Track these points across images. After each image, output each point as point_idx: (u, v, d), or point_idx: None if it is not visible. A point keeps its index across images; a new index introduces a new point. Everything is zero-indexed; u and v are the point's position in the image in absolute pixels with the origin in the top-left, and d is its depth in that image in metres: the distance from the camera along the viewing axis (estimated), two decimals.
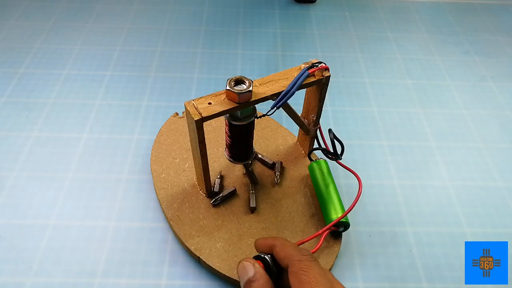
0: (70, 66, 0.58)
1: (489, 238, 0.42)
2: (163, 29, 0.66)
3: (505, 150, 0.51)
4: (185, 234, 0.38)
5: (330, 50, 0.64)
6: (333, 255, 0.38)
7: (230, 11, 0.71)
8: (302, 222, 0.40)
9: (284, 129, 0.49)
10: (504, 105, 0.57)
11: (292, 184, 0.43)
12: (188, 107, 0.32)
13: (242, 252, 0.37)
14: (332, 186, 0.40)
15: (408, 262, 0.40)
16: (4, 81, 0.55)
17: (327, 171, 0.42)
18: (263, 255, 0.29)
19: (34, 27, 0.64)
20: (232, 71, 0.59)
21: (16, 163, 0.46)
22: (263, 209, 0.41)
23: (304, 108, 0.42)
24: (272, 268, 0.29)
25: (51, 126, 0.50)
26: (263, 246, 0.31)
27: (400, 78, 0.60)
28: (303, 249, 0.29)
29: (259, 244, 0.31)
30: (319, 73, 0.36)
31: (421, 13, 0.74)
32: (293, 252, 0.28)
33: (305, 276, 0.26)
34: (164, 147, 0.46)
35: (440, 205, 0.44)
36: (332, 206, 0.39)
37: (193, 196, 0.41)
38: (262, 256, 0.29)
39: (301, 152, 0.46)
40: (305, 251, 0.28)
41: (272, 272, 0.29)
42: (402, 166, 0.48)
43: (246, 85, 0.33)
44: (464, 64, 0.63)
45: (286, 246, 0.29)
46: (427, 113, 0.55)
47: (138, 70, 0.58)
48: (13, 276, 0.37)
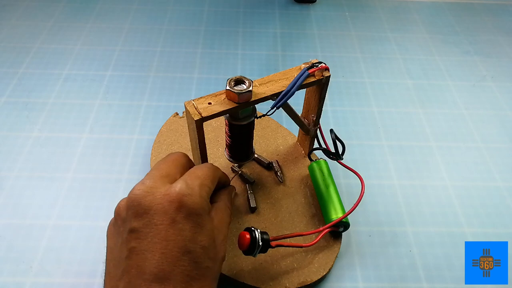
0: (70, 66, 0.58)
1: (489, 238, 0.42)
2: (163, 29, 0.66)
3: (505, 150, 0.51)
4: None
5: (330, 50, 0.64)
6: (333, 255, 0.38)
7: (230, 11, 0.71)
8: (302, 222, 0.40)
9: (284, 129, 0.49)
10: (504, 105, 0.57)
11: (292, 184, 0.43)
12: (188, 107, 0.32)
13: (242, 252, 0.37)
14: (332, 186, 0.40)
15: (408, 262, 0.40)
16: (4, 81, 0.55)
17: (327, 171, 0.42)
18: (253, 228, 0.32)
19: (34, 27, 0.64)
20: (232, 71, 0.59)
21: (16, 163, 0.46)
22: (263, 209, 0.41)
23: (304, 108, 0.42)
24: (257, 241, 0.32)
25: (51, 126, 0.50)
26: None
27: (400, 78, 0.60)
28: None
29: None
30: (319, 73, 0.36)
31: (421, 13, 0.74)
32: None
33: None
34: (164, 147, 0.46)
35: (440, 205, 0.44)
36: (332, 207, 0.39)
37: None
38: (252, 229, 0.32)
39: (301, 152, 0.46)
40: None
41: (257, 245, 0.32)
42: (402, 166, 0.48)
43: (246, 85, 0.33)
44: (464, 64, 0.63)
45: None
46: (427, 113, 0.55)
47: (138, 70, 0.58)
48: (13, 276, 0.37)
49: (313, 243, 0.35)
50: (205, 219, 0.26)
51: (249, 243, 0.32)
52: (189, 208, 0.26)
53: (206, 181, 0.28)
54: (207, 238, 0.26)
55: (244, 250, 0.32)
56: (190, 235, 0.25)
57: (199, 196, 0.26)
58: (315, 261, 0.37)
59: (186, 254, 0.25)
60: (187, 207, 0.25)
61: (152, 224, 0.25)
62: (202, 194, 0.27)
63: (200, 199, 0.26)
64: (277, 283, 0.36)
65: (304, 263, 0.37)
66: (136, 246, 0.25)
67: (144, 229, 0.25)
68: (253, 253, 0.32)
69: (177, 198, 0.25)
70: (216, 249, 0.28)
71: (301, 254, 0.38)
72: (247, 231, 0.32)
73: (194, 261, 0.25)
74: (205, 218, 0.26)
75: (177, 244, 0.25)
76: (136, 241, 0.25)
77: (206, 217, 0.27)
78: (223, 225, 0.30)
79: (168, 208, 0.25)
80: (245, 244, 0.32)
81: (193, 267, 0.25)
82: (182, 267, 0.25)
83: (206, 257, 0.26)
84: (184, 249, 0.25)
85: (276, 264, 0.37)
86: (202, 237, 0.26)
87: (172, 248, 0.25)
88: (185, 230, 0.25)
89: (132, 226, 0.25)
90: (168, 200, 0.25)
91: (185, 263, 0.25)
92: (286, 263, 0.37)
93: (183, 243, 0.25)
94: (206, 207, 0.27)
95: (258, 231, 0.32)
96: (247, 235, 0.32)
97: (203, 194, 0.27)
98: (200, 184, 0.27)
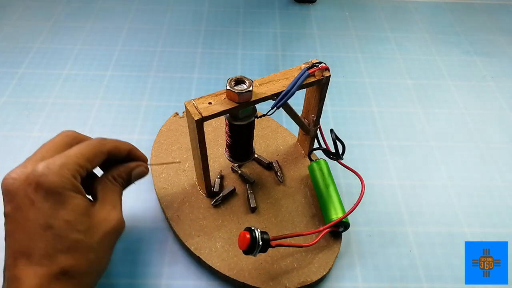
0: (70, 66, 0.58)
1: (489, 238, 0.42)
2: (163, 29, 0.66)
3: (505, 150, 0.51)
4: (185, 234, 0.38)
5: (330, 50, 0.64)
6: (333, 255, 0.38)
7: (230, 11, 0.71)
8: (302, 222, 0.40)
9: (284, 129, 0.49)
10: (504, 105, 0.57)
11: (292, 184, 0.43)
12: (188, 106, 0.32)
13: (242, 252, 0.37)
14: (332, 186, 0.40)
15: (408, 262, 0.40)
16: (4, 81, 0.55)
17: (327, 171, 0.42)
18: (253, 228, 0.33)
19: (34, 27, 0.64)
20: (232, 71, 0.59)
21: (16, 163, 0.45)
22: (263, 209, 0.41)
23: (304, 108, 0.42)
24: (257, 241, 0.32)
25: (51, 126, 0.50)
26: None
27: (400, 78, 0.60)
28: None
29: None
30: (319, 73, 0.36)
31: (421, 13, 0.74)
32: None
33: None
34: (164, 147, 0.46)
35: (440, 205, 0.44)
36: (332, 206, 0.39)
37: (193, 196, 0.41)
38: (252, 229, 0.33)
39: (301, 152, 0.46)
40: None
41: (257, 245, 0.32)
42: (402, 166, 0.48)
43: (247, 85, 0.33)
44: (464, 64, 0.63)
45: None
46: (427, 113, 0.55)
47: (138, 70, 0.58)
48: None
49: (313, 243, 0.35)
50: (67, 195, 0.28)
51: (249, 243, 0.32)
52: (46, 188, 0.28)
53: (77, 159, 0.30)
54: (73, 212, 0.28)
55: (244, 249, 0.32)
56: (50, 212, 0.28)
57: (57, 174, 0.28)
58: (315, 261, 0.37)
59: (48, 230, 0.27)
60: (43, 187, 0.28)
61: (18, 207, 0.28)
62: (63, 173, 0.28)
63: (59, 177, 0.28)
64: (277, 283, 0.36)
65: (304, 263, 0.37)
66: (8, 229, 0.28)
67: (13, 213, 0.28)
68: (253, 253, 0.32)
69: (34, 179, 0.28)
70: (91, 221, 0.29)
71: (301, 254, 0.38)
72: (247, 231, 0.33)
73: (57, 235, 0.27)
74: (67, 194, 0.28)
75: (37, 222, 0.27)
76: (8, 225, 0.28)
77: (70, 193, 0.28)
78: (107, 196, 0.32)
79: (27, 191, 0.28)
80: (245, 244, 0.32)
81: (58, 240, 0.27)
82: (45, 242, 0.27)
83: (72, 230, 0.28)
84: (45, 225, 0.27)
85: (276, 264, 0.37)
86: (65, 212, 0.28)
87: (33, 226, 0.27)
88: (44, 208, 0.28)
89: (5, 211, 0.29)
90: (27, 182, 0.28)
91: (48, 238, 0.27)
92: (286, 263, 0.37)
93: (43, 220, 0.27)
94: (67, 184, 0.28)
95: (258, 231, 0.32)
96: (247, 234, 0.32)
97: (64, 172, 0.28)
98: (64, 163, 0.29)
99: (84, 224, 0.29)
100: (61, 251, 0.27)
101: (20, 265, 0.27)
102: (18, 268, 0.27)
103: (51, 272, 0.27)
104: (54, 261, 0.27)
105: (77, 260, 0.28)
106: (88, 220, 0.29)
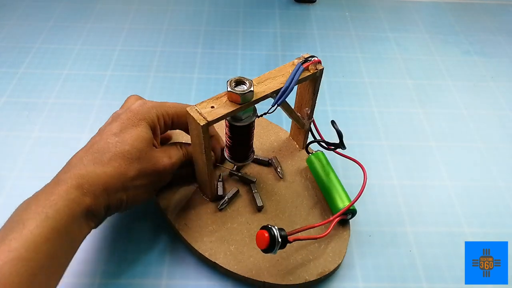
0: (70, 66, 0.58)
1: (489, 238, 0.42)
2: (163, 29, 0.66)
3: (505, 150, 0.51)
4: (197, 242, 0.38)
5: (330, 50, 0.64)
6: (344, 242, 0.38)
7: (230, 11, 0.71)
8: (310, 214, 0.40)
9: (274, 125, 0.49)
10: (504, 105, 0.57)
11: (292, 178, 0.43)
12: (191, 112, 0.32)
13: (257, 252, 0.36)
14: (333, 174, 0.41)
15: (408, 262, 0.40)
16: (4, 81, 0.55)
17: (326, 161, 0.42)
18: (270, 226, 0.33)
19: (34, 27, 0.64)
20: (232, 71, 0.59)
21: (16, 163, 0.46)
22: (269, 206, 0.41)
23: (297, 102, 0.42)
24: (276, 238, 0.32)
25: (51, 126, 0.50)
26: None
27: (400, 78, 0.60)
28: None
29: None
30: (313, 67, 0.36)
31: (421, 13, 0.74)
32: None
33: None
34: None
35: (440, 205, 0.45)
36: (337, 195, 0.39)
37: (197, 202, 0.41)
38: (269, 227, 0.33)
39: (296, 146, 0.46)
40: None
41: (276, 242, 0.32)
42: (402, 166, 0.48)
43: (247, 85, 0.33)
44: (464, 64, 0.63)
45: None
46: (427, 113, 0.55)
47: (138, 70, 0.58)
48: None
49: (327, 233, 0.36)
50: (142, 125, 0.35)
51: (268, 242, 0.32)
52: (133, 112, 0.36)
53: (168, 108, 0.37)
54: (136, 135, 0.34)
55: (264, 248, 0.32)
56: (124, 125, 0.35)
57: (146, 109, 0.36)
58: (328, 250, 0.38)
59: (114, 137, 0.34)
60: (132, 111, 0.36)
61: (109, 123, 0.36)
62: (151, 110, 0.36)
63: (146, 110, 0.36)
64: (296, 277, 0.36)
65: (318, 253, 0.37)
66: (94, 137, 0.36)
67: (104, 126, 0.36)
68: (274, 251, 0.32)
69: (129, 108, 0.36)
70: (145, 151, 0.35)
71: (314, 245, 0.38)
72: (265, 230, 0.32)
73: (118, 142, 0.34)
74: (143, 124, 0.35)
75: (112, 131, 0.35)
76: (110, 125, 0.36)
77: (145, 123, 0.35)
78: (170, 150, 0.38)
79: (120, 112, 0.37)
80: (265, 243, 0.32)
81: (113, 146, 0.34)
82: (105, 144, 0.34)
83: (128, 146, 0.34)
84: (115, 133, 0.35)
85: (292, 258, 0.37)
86: (132, 130, 0.34)
87: (107, 132, 0.35)
88: (123, 120, 0.35)
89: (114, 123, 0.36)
90: (125, 108, 0.37)
91: (111, 140, 0.34)
92: (302, 256, 0.37)
93: (116, 129, 0.35)
94: (148, 118, 0.35)
95: (275, 228, 0.32)
96: (266, 233, 0.32)
97: (152, 110, 0.36)
98: (154, 105, 0.36)
99: (138, 148, 0.34)
100: (109, 154, 0.33)
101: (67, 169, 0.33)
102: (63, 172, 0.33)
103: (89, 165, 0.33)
104: (99, 161, 0.33)
105: (119, 168, 0.33)
106: (144, 147, 0.34)
